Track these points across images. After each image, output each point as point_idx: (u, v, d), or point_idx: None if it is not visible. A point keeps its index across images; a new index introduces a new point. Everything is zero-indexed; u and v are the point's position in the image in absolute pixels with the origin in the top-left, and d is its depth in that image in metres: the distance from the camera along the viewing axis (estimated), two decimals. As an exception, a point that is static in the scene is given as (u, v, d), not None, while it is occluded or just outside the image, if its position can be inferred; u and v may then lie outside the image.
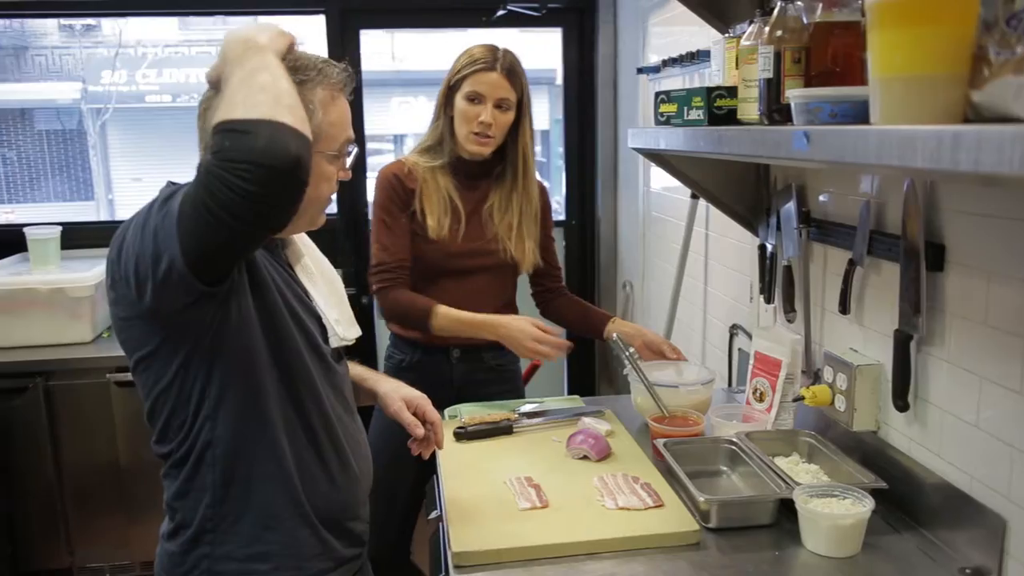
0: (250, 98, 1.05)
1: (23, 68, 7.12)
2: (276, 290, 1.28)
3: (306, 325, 1.33)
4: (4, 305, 2.78)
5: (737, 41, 1.58)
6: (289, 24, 1.38)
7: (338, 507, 1.37)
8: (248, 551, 1.28)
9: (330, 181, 1.34)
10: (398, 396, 1.56)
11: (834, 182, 1.73)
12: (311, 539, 1.32)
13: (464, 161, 2.08)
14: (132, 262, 1.12)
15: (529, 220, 2.13)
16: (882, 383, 1.56)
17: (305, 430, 1.31)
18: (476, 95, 2.00)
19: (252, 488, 1.28)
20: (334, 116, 1.30)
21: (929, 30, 0.86)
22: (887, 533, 1.42)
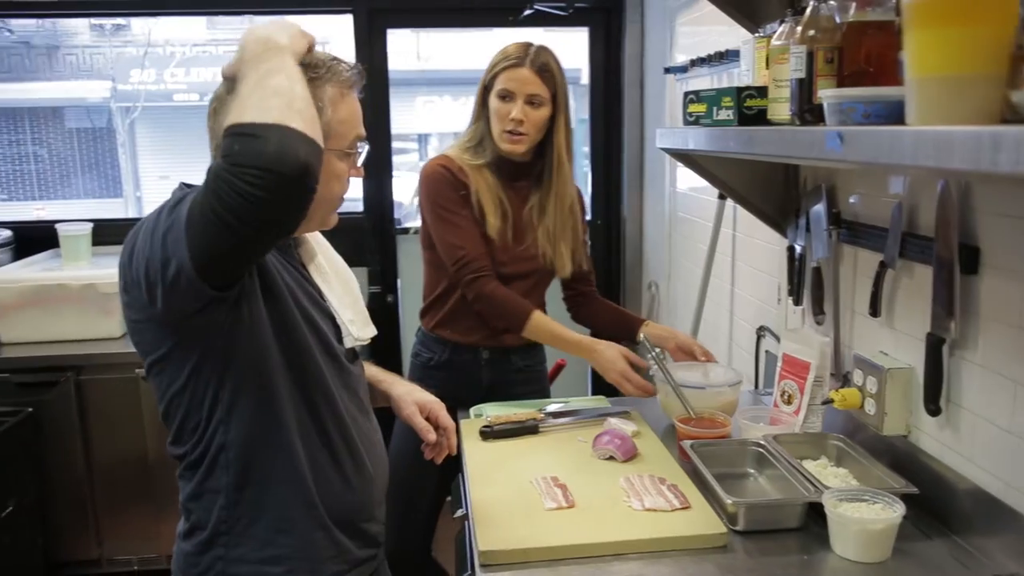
0: (263, 102, 1.05)
1: (55, 67, 7.23)
2: (288, 292, 1.27)
3: (319, 326, 1.32)
4: (36, 300, 2.82)
5: (767, 41, 1.57)
6: (317, 23, 1.38)
7: (352, 509, 1.37)
8: (262, 554, 1.28)
9: (341, 179, 1.32)
10: (411, 400, 1.56)
11: (865, 183, 1.71)
12: (325, 541, 1.32)
13: (505, 161, 2.06)
14: (142, 267, 1.12)
15: (564, 223, 2.10)
16: (913, 387, 1.55)
17: (319, 432, 1.31)
18: (507, 92, 1.98)
19: (266, 491, 1.27)
20: (344, 113, 1.28)
21: (967, 30, 0.84)
22: (918, 539, 1.40)
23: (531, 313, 2.00)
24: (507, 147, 2.01)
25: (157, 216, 1.14)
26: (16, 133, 7.50)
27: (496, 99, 2.00)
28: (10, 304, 2.81)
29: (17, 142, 7.47)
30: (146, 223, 1.15)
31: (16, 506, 2.64)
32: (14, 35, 6.88)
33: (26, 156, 7.52)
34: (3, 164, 7.40)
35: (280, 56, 1.11)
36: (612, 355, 1.96)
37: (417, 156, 8.24)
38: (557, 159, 2.06)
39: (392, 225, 3.63)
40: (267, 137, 1.01)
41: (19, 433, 2.67)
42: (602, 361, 1.97)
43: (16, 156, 7.46)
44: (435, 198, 2.02)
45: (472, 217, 2.01)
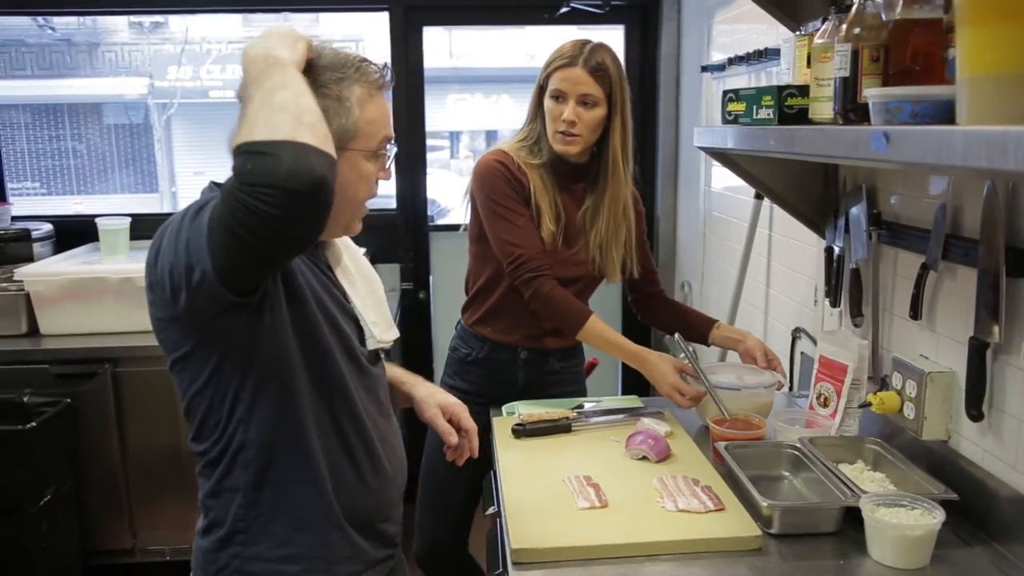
0: (271, 118, 1.04)
1: (95, 64, 7.34)
2: (312, 294, 1.27)
3: (342, 329, 1.32)
4: (75, 293, 2.87)
5: (809, 39, 1.55)
6: (353, 21, 1.38)
7: (370, 509, 1.37)
8: (279, 552, 1.29)
9: (368, 181, 1.31)
10: (434, 402, 1.55)
11: (906, 184, 1.69)
12: (341, 542, 1.32)
13: (562, 162, 2.02)
14: (167, 269, 1.13)
15: (618, 228, 2.04)
16: (954, 391, 1.52)
17: (338, 434, 1.31)
18: (560, 92, 1.94)
19: (284, 491, 1.28)
20: (372, 113, 1.27)
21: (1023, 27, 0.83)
22: (958, 546, 1.38)
23: (588, 317, 1.97)
24: (560, 148, 1.97)
25: (182, 219, 1.14)
26: (57, 129, 7.63)
27: (550, 99, 1.95)
28: (50, 296, 2.86)
29: (57, 137, 7.59)
30: (172, 224, 1.16)
31: (54, 495, 2.69)
32: (56, 32, 7.00)
33: (66, 151, 7.65)
34: (44, 159, 7.54)
35: (282, 70, 1.10)
36: (664, 368, 1.92)
37: (448, 153, 8.26)
38: (612, 161, 2.00)
39: (425, 222, 3.65)
40: (279, 155, 1.00)
41: (57, 423, 2.72)
42: (655, 373, 1.93)
43: (56, 151, 7.58)
44: (491, 193, 1.98)
45: (529, 215, 1.98)
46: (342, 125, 1.23)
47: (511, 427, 1.84)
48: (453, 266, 2.18)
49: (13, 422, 2.61)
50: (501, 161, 1.99)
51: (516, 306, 2.02)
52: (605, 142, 1.99)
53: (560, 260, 2.01)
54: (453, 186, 6.51)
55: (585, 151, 2.01)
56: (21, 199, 6.18)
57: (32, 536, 2.62)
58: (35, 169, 7.46)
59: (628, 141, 2.01)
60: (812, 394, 1.88)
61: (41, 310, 2.88)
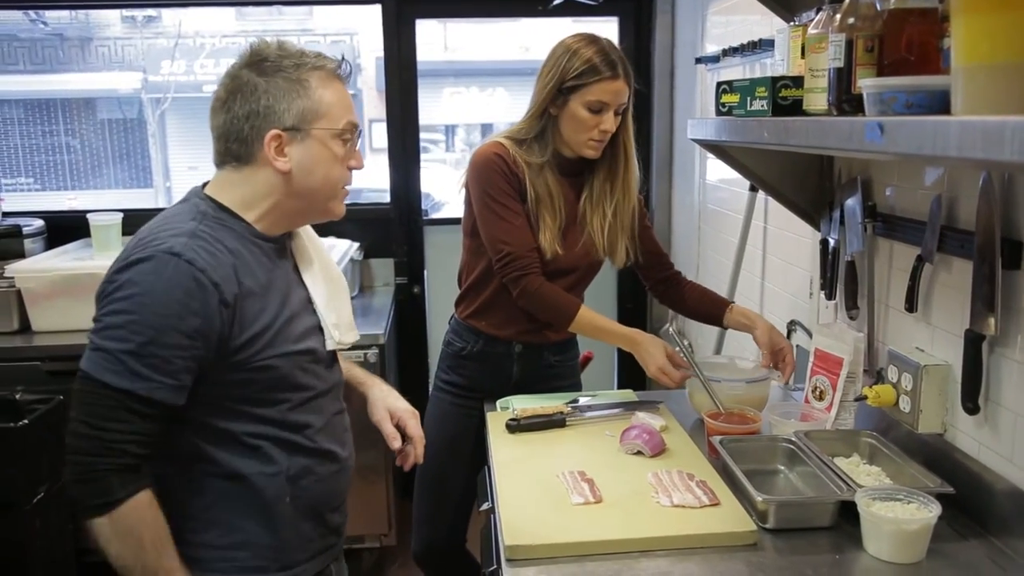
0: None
1: (87, 59, 7.30)
2: (275, 305, 1.32)
3: (302, 331, 1.37)
4: (68, 289, 2.85)
5: (803, 29, 1.54)
6: (345, 14, 1.43)
7: (320, 500, 1.41)
8: (229, 539, 1.33)
9: (340, 163, 1.35)
10: (384, 405, 1.57)
11: (902, 175, 1.68)
12: (289, 530, 1.37)
13: (563, 157, 2.00)
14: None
15: (624, 214, 2.03)
16: (950, 384, 1.51)
17: (292, 430, 1.35)
18: (602, 104, 1.89)
19: (236, 484, 1.32)
20: (332, 96, 1.32)
21: (1019, 16, 0.81)
22: (954, 540, 1.37)
23: (578, 309, 1.97)
24: (590, 154, 1.95)
25: (103, 293, 1.25)
26: (49, 124, 7.59)
27: (584, 109, 1.89)
28: (42, 293, 2.84)
29: (50, 133, 7.56)
30: (110, 287, 1.24)
31: (47, 492, 2.67)
32: (48, 27, 6.96)
33: (59, 146, 7.61)
34: (37, 154, 7.50)
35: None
36: (654, 350, 1.92)
37: (444, 147, 8.23)
38: (625, 153, 2.00)
39: (420, 216, 3.63)
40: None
41: (50, 420, 2.70)
42: (644, 354, 1.94)
43: (49, 147, 7.55)
44: (486, 187, 1.96)
45: (522, 211, 1.96)
46: (305, 106, 1.29)
47: (505, 422, 1.83)
48: (448, 260, 2.16)
49: (5, 419, 2.59)
50: (499, 155, 1.96)
51: (511, 300, 2.01)
52: (616, 135, 1.98)
53: (560, 257, 1.99)
54: (448, 180, 6.49)
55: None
56: (14, 195, 6.14)
57: (26, 534, 2.60)
58: (28, 165, 7.42)
59: (633, 132, 2.03)
60: (807, 387, 1.87)
61: (33, 307, 2.86)
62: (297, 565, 1.40)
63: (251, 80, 1.29)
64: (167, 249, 1.22)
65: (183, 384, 1.23)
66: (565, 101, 1.91)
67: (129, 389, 1.19)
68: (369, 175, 4.72)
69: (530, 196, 1.96)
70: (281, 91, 1.29)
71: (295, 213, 1.37)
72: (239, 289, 1.26)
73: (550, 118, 1.95)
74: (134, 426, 1.20)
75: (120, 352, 1.19)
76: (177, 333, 1.20)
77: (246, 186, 1.33)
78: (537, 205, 1.96)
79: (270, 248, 1.36)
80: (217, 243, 1.26)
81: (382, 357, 2.82)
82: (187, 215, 1.29)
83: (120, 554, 1.22)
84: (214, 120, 1.33)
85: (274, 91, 1.28)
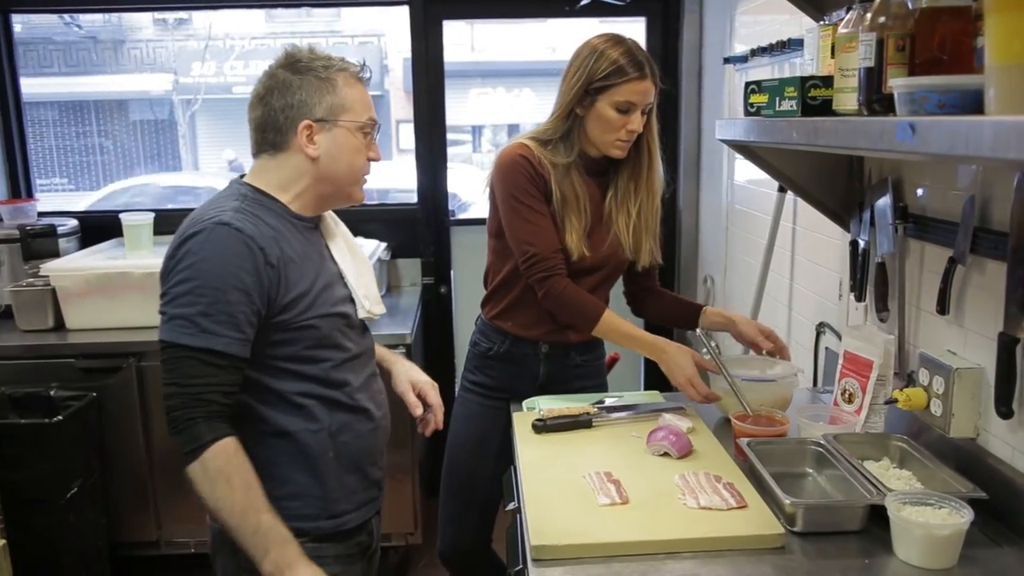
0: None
1: (120, 61, 7.40)
2: (312, 273, 1.49)
3: (339, 298, 1.54)
4: (101, 288, 2.90)
5: (833, 29, 1.53)
6: (373, 15, 1.53)
7: (360, 455, 1.58)
8: (282, 490, 1.47)
9: (359, 151, 1.53)
10: (406, 378, 1.75)
11: (934, 176, 1.66)
12: (335, 482, 1.53)
13: (588, 157, 2.00)
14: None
15: (649, 214, 2.03)
16: (983, 388, 1.49)
17: (334, 386, 1.52)
18: (631, 105, 1.89)
19: (285, 440, 1.48)
20: (354, 95, 1.51)
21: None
22: (986, 546, 1.35)
23: (602, 313, 1.96)
24: (618, 154, 1.95)
25: (166, 270, 1.40)
26: (83, 125, 7.71)
27: (612, 109, 1.89)
28: (76, 291, 2.89)
29: (84, 134, 7.67)
30: (171, 263, 1.40)
31: (80, 487, 2.72)
32: (82, 30, 7.07)
33: (92, 147, 7.73)
34: (71, 155, 7.63)
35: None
36: (681, 360, 1.90)
37: (471, 147, 8.25)
38: (650, 153, 2.00)
39: (446, 216, 3.64)
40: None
41: (84, 416, 2.75)
42: (671, 364, 1.91)
43: (83, 147, 7.67)
44: (511, 188, 1.96)
45: (547, 212, 1.96)
46: (332, 101, 1.48)
47: (532, 422, 1.84)
48: (474, 260, 2.17)
49: (40, 416, 2.64)
50: (524, 156, 1.96)
51: (537, 301, 2.01)
52: (641, 132, 1.97)
53: (586, 257, 1.99)
54: (475, 180, 6.50)
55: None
56: (48, 195, 6.24)
57: (59, 528, 2.65)
58: (62, 165, 7.55)
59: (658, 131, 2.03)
60: (836, 390, 1.86)
61: (67, 305, 2.91)
62: (345, 514, 1.56)
63: (287, 78, 1.47)
64: (217, 221, 1.39)
65: (248, 338, 1.40)
66: (592, 102, 1.91)
67: (206, 347, 1.36)
68: (396, 175, 4.74)
69: (556, 197, 1.96)
70: (313, 87, 1.47)
71: (323, 197, 1.54)
72: (281, 254, 1.43)
73: (576, 119, 1.95)
74: (214, 378, 1.37)
75: (192, 315, 1.36)
76: (236, 290, 1.37)
77: (281, 171, 1.51)
78: (563, 206, 1.96)
79: (303, 226, 1.53)
80: (258, 217, 1.44)
81: (409, 356, 2.82)
82: (230, 198, 1.47)
83: (212, 495, 1.36)
84: (252, 113, 1.51)
85: (307, 87, 1.47)
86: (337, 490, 1.54)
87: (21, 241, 3.13)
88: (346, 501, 1.56)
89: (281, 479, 1.48)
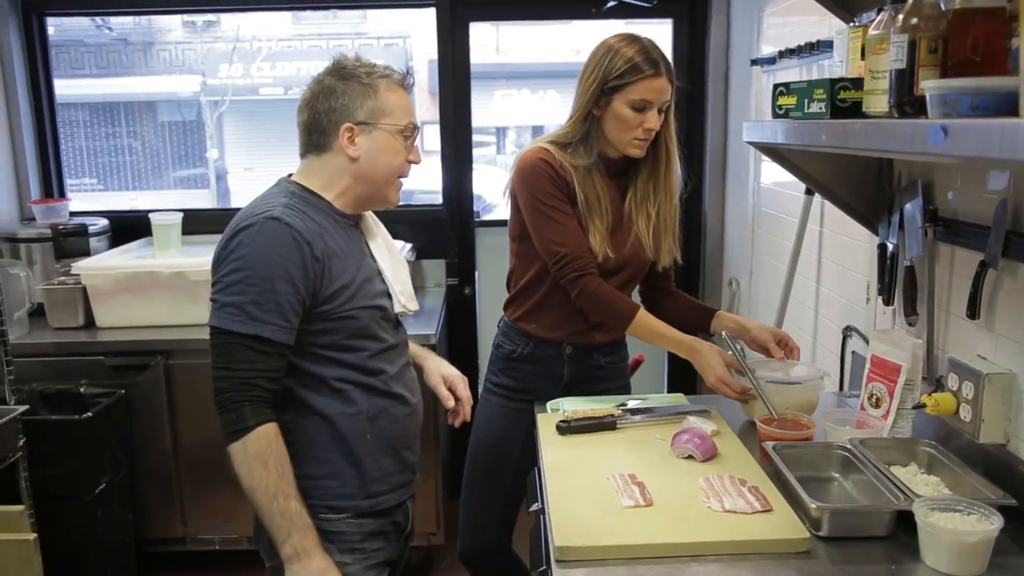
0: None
1: (149, 63, 7.49)
2: (354, 268, 1.57)
3: (377, 291, 1.62)
4: (130, 287, 2.94)
5: (864, 30, 1.52)
6: (400, 17, 1.61)
7: (396, 438, 1.64)
8: (322, 470, 1.57)
9: (399, 155, 1.60)
10: (438, 373, 1.84)
11: (964, 179, 1.64)
12: (371, 464, 1.60)
13: (610, 160, 2.00)
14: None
15: (667, 214, 2.04)
16: (1014, 393, 1.47)
17: (371, 374, 1.59)
18: (646, 103, 1.89)
19: (325, 423, 1.56)
20: (395, 100, 1.58)
21: (1092, 15, 0.79)
22: (1016, 554, 1.33)
23: (637, 311, 1.96)
24: (636, 152, 1.95)
25: (219, 260, 1.49)
26: (113, 126, 7.80)
27: (628, 108, 1.89)
28: (105, 290, 2.93)
29: (114, 135, 7.77)
30: (224, 253, 1.48)
31: (109, 483, 2.76)
32: (113, 32, 7.16)
33: (122, 148, 7.83)
34: (101, 156, 7.73)
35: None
36: (713, 360, 1.89)
37: (495, 149, 8.26)
38: (667, 152, 2.00)
39: (471, 218, 3.65)
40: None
41: (112, 413, 2.79)
42: (704, 364, 1.91)
43: (113, 148, 7.76)
44: (535, 192, 1.96)
45: (572, 213, 1.97)
46: (373, 105, 1.56)
47: (556, 424, 1.84)
48: (499, 262, 2.17)
49: (70, 412, 2.68)
50: (545, 160, 1.96)
51: (562, 302, 2.01)
52: (659, 135, 1.97)
53: (610, 258, 1.98)
54: (499, 181, 6.49)
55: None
56: (79, 194, 6.33)
57: (87, 523, 2.69)
58: (93, 165, 7.65)
59: (676, 130, 2.03)
60: (863, 394, 1.84)
61: (97, 303, 2.96)
62: (381, 495, 1.63)
63: (332, 84, 1.56)
64: (267, 216, 1.47)
65: (293, 326, 1.48)
66: (608, 101, 1.92)
67: (255, 333, 1.44)
68: (421, 177, 4.75)
69: (580, 200, 1.96)
70: (355, 92, 1.55)
71: (362, 197, 1.62)
72: (326, 248, 1.51)
73: (594, 119, 1.96)
74: (261, 364, 1.45)
75: (242, 304, 1.44)
76: (284, 281, 1.45)
77: (324, 171, 1.59)
78: (587, 208, 1.96)
79: (346, 223, 1.61)
80: (305, 214, 1.52)
81: (433, 357, 2.84)
82: (279, 195, 1.55)
83: (249, 475, 1.44)
84: (300, 116, 1.60)
85: (350, 92, 1.55)
86: (374, 471, 1.61)
87: (53, 240, 3.18)
88: (383, 482, 1.63)
89: (321, 460, 1.57)
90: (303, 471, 1.53)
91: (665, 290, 2.20)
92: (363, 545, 1.62)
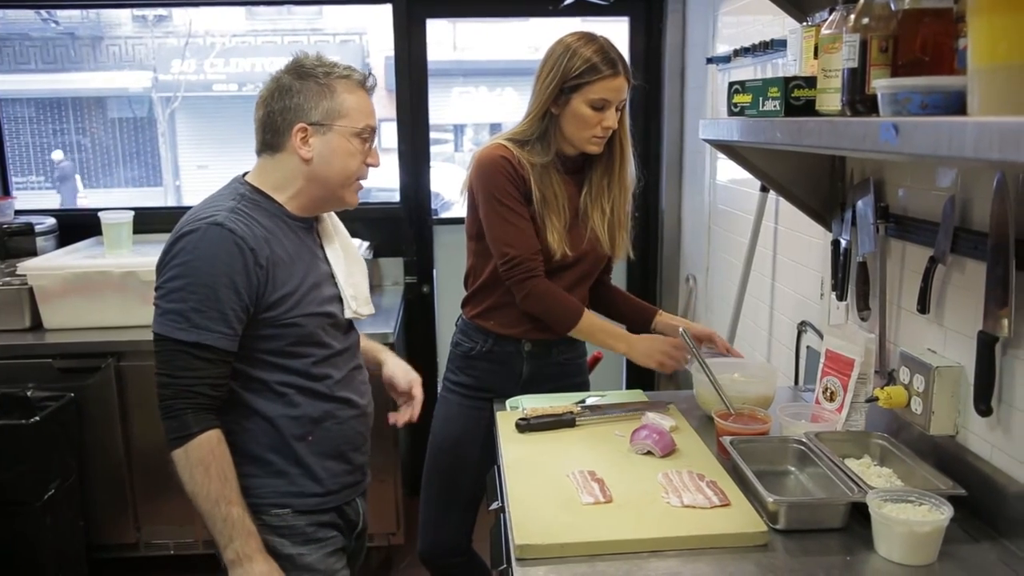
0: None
1: (98, 58, 7.33)
2: (301, 273, 1.55)
3: (324, 298, 1.60)
4: (79, 287, 2.86)
5: (816, 30, 1.54)
6: (356, 13, 1.57)
7: (341, 441, 1.64)
8: (267, 470, 1.57)
9: (356, 157, 1.57)
10: (391, 371, 1.83)
11: (915, 176, 1.67)
12: (316, 465, 1.61)
13: (567, 156, 2.01)
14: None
15: (622, 209, 2.06)
16: (962, 386, 1.51)
17: (315, 380, 1.59)
18: (605, 102, 1.91)
19: (267, 424, 1.56)
20: (353, 101, 1.55)
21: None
22: (965, 542, 1.37)
23: (582, 314, 1.99)
24: (594, 150, 1.97)
25: (162, 264, 1.48)
26: (61, 123, 7.63)
27: (587, 107, 1.90)
28: (53, 290, 2.86)
29: (62, 131, 7.60)
30: (167, 258, 1.47)
31: (58, 489, 2.69)
32: (60, 26, 6.99)
33: (70, 145, 7.65)
34: (48, 153, 7.54)
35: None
36: (646, 345, 1.99)
37: (453, 147, 8.23)
38: (621, 149, 2.02)
39: (429, 216, 3.63)
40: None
41: (61, 417, 2.72)
42: (637, 354, 1.98)
43: (61, 145, 7.59)
44: (492, 189, 1.96)
45: (527, 213, 1.97)
46: (329, 106, 1.53)
47: (515, 422, 1.83)
48: (457, 260, 2.16)
49: (17, 416, 2.61)
50: (505, 157, 1.96)
51: None
52: (614, 132, 1.99)
53: (566, 254, 1.99)
54: (457, 179, 6.48)
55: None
56: (25, 193, 6.17)
57: (37, 530, 2.62)
58: (39, 163, 7.46)
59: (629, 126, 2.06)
60: (818, 388, 1.87)
61: (44, 304, 2.88)
62: (328, 494, 1.63)
63: (288, 82, 1.54)
64: (211, 221, 1.45)
65: (236, 333, 1.47)
66: (567, 100, 1.92)
67: (197, 341, 1.43)
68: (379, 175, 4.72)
69: (536, 198, 1.96)
70: (311, 92, 1.53)
71: (317, 199, 1.60)
72: (271, 254, 1.49)
73: (552, 118, 1.96)
74: (204, 371, 1.45)
75: (183, 311, 1.43)
76: (226, 288, 1.44)
77: (277, 172, 1.57)
78: (543, 206, 1.97)
79: (298, 226, 1.59)
80: (252, 219, 1.50)
81: (391, 356, 2.82)
82: (228, 196, 1.53)
83: (191, 480, 1.44)
84: (256, 114, 1.57)
85: (305, 92, 1.53)
86: (319, 471, 1.61)
87: (-3, 239, 3.09)
88: (329, 482, 1.63)
89: (264, 460, 1.57)
90: (248, 471, 1.54)
91: (601, 282, 2.22)
92: (317, 535, 1.63)
